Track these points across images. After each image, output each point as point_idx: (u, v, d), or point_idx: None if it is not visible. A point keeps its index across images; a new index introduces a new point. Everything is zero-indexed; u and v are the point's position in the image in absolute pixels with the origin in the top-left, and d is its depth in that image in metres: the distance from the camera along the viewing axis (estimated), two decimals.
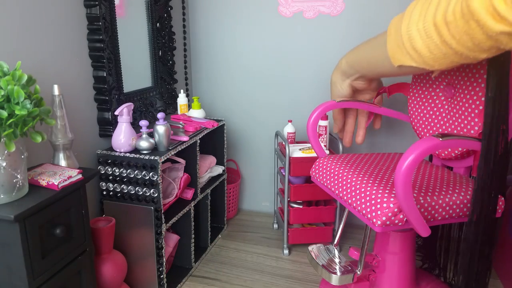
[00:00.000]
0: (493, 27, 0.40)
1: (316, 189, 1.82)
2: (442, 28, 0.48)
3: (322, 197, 1.84)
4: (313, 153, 1.79)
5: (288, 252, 1.88)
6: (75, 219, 1.09)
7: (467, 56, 0.48)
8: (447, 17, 0.47)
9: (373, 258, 1.35)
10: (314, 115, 1.44)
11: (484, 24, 0.41)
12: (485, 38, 0.43)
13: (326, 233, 1.89)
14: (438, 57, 0.52)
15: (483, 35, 0.43)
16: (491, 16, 0.40)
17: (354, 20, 1.94)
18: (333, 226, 1.89)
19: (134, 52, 1.72)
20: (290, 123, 1.93)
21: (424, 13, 0.52)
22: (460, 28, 0.45)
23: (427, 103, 1.40)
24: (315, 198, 1.85)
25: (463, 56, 0.48)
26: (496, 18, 0.39)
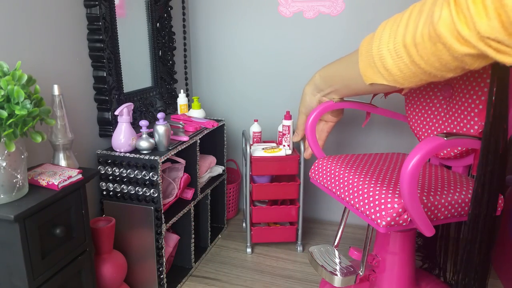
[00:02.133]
0: (458, 49, 0.44)
1: (279, 188, 1.83)
2: (411, 49, 0.50)
3: (286, 197, 1.86)
4: (275, 152, 1.80)
5: (251, 251, 1.89)
6: (75, 219, 1.09)
7: (435, 75, 0.51)
8: (416, 39, 0.49)
9: (373, 258, 1.35)
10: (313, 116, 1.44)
11: (450, 46, 0.44)
12: (451, 59, 0.46)
13: (290, 232, 1.90)
14: (408, 76, 0.54)
15: (449, 57, 0.46)
16: (456, 40, 0.43)
17: (354, 20, 1.94)
18: (296, 225, 1.89)
19: (134, 52, 1.72)
20: (256, 122, 1.94)
21: (394, 34, 0.54)
22: (428, 49, 0.48)
23: (424, 103, 1.40)
24: (279, 198, 1.87)
25: (431, 75, 0.51)
26: (461, 41, 0.43)
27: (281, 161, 1.81)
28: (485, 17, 0.38)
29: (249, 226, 1.90)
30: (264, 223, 1.97)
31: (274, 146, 1.86)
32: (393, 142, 2.04)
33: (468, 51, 0.43)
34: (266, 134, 2.16)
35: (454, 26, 0.43)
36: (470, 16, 0.40)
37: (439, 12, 0.45)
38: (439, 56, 0.47)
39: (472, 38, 0.41)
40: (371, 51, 0.58)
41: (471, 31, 0.41)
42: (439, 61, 0.48)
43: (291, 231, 1.89)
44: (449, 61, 0.46)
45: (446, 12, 0.44)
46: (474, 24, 0.40)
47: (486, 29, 0.39)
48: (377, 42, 0.57)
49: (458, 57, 0.45)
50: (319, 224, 2.18)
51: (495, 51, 0.40)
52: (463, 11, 0.41)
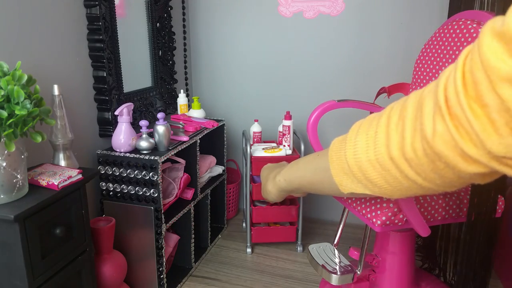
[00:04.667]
0: (465, 169, 0.35)
1: None
2: (402, 163, 0.41)
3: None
4: (276, 152, 1.80)
5: (251, 251, 1.89)
6: (75, 219, 1.09)
7: (435, 190, 0.42)
8: (407, 154, 0.40)
9: (373, 258, 1.35)
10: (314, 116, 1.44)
11: (454, 166, 0.36)
12: (456, 178, 0.38)
13: (290, 232, 1.90)
14: (399, 189, 0.44)
15: (454, 175, 0.37)
16: (461, 158, 0.34)
17: (354, 20, 1.94)
18: (296, 225, 1.89)
19: (134, 52, 1.72)
20: (256, 122, 1.94)
21: (372, 143, 0.44)
22: (425, 166, 0.39)
23: None
24: None
25: (430, 190, 0.42)
26: (468, 161, 0.34)
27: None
28: (494, 135, 0.31)
29: (249, 226, 1.90)
30: (264, 223, 1.97)
31: (274, 146, 1.86)
32: None
33: (478, 171, 0.34)
34: (266, 134, 2.15)
35: (455, 144, 0.34)
36: (475, 133, 0.32)
37: (432, 126, 0.36)
38: (441, 175, 0.38)
39: (482, 158, 0.33)
40: (345, 159, 0.48)
41: (479, 150, 0.32)
42: (441, 179, 0.39)
43: (291, 231, 1.89)
44: (453, 179, 0.38)
45: (441, 126, 0.35)
46: (482, 142, 0.32)
47: (499, 149, 0.31)
48: (352, 149, 0.47)
49: (466, 176, 0.37)
50: (319, 224, 2.18)
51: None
52: (464, 126, 0.33)
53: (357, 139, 0.48)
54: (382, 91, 1.56)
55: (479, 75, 0.31)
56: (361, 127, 0.49)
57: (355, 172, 0.47)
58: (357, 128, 0.49)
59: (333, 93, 2.04)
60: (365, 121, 0.49)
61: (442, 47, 1.32)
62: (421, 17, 1.87)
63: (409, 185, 0.43)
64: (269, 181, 0.72)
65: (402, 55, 1.92)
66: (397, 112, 0.43)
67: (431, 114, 0.37)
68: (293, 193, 0.70)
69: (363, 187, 0.48)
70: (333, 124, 2.08)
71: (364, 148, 0.46)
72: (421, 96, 0.39)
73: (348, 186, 0.50)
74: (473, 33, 1.19)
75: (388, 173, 0.44)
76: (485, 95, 0.30)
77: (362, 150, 0.46)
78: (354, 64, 2.00)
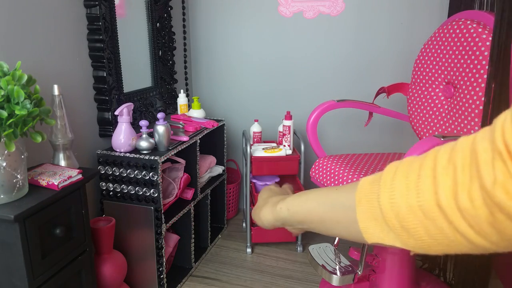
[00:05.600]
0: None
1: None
2: (453, 213, 0.36)
3: None
4: (276, 152, 1.80)
5: (251, 251, 1.89)
6: (75, 219, 1.09)
7: (485, 249, 0.37)
8: (461, 202, 0.35)
9: (373, 258, 1.35)
10: (314, 116, 1.44)
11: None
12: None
13: (290, 232, 1.89)
14: (440, 243, 0.39)
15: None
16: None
17: (354, 20, 1.94)
18: None
19: (134, 52, 1.72)
20: (256, 122, 1.94)
21: (414, 187, 0.39)
22: (483, 219, 0.34)
23: (426, 103, 1.40)
24: None
25: (479, 248, 0.37)
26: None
27: (281, 161, 1.81)
28: None
29: (249, 226, 1.90)
30: None
31: (275, 146, 1.86)
32: (394, 142, 2.04)
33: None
34: (266, 134, 2.15)
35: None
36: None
37: (492, 173, 0.32)
38: (499, 229, 0.34)
39: None
40: (378, 202, 0.42)
41: None
42: (499, 235, 0.34)
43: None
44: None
45: (502, 173, 0.32)
46: None
47: None
48: (388, 193, 0.41)
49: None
50: None
51: None
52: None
53: (395, 182, 0.42)
54: (381, 91, 1.56)
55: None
56: (398, 168, 0.43)
57: (389, 219, 0.41)
58: (394, 169, 0.43)
59: (333, 93, 2.04)
60: (403, 163, 0.43)
61: (442, 47, 1.32)
62: (421, 17, 1.87)
63: (456, 239, 0.38)
64: (267, 206, 0.63)
65: (402, 55, 1.92)
66: (445, 156, 0.38)
67: (490, 160, 0.33)
68: (291, 227, 0.60)
69: (394, 238, 0.42)
70: (333, 124, 2.08)
71: (404, 192, 0.40)
72: (474, 141, 0.36)
73: (376, 234, 0.44)
74: (473, 33, 1.19)
75: (433, 223, 0.38)
76: None
77: (401, 194, 0.40)
78: (354, 64, 2.00)
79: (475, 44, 1.18)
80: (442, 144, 0.40)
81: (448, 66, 1.30)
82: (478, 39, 1.17)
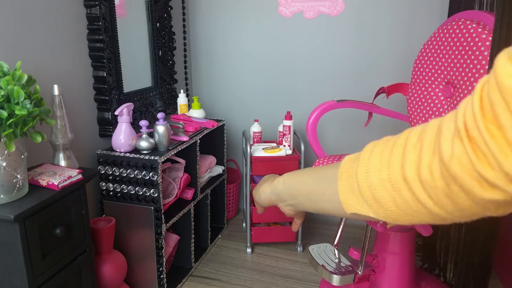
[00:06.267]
0: (481, 194, 0.34)
1: None
2: (415, 184, 0.40)
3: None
4: (276, 152, 1.80)
5: (251, 251, 1.89)
6: (75, 219, 1.09)
7: (443, 218, 0.41)
8: (422, 175, 0.39)
9: (373, 258, 1.35)
10: (313, 116, 1.44)
11: (469, 191, 0.35)
12: (470, 205, 0.37)
13: (290, 232, 1.90)
14: (405, 213, 0.43)
15: (468, 201, 0.36)
16: (477, 183, 0.34)
17: (354, 20, 1.94)
18: None
19: (134, 52, 1.72)
20: (256, 122, 1.94)
21: (386, 162, 0.43)
22: (440, 190, 0.38)
23: (426, 103, 1.40)
24: None
25: (438, 217, 0.41)
26: (484, 186, 0.34)
27: (281, 161, 1.81)
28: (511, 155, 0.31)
29: (249, 226, 1.90)
30: (264, 223, 1.97)
31: (275, 146, 1.86)
32: None
33: (494, 197, 0.34)
34: (266, 134, 2.15)
35: (472, 166, 0.34)
36: (492, 154, 0.32)
37: (450, 148, 0.36)
38: (454, 200, 0.37)
39: (499, 181, 0.32)
40: (356, 176, 0.47)
41: (496, 172, 0.32)
42: (453, 205, 0.38)
43: (291, 231, 1.89)
44: (466, 207, 0.37)
45: (459, 148, 0.35)
46: (499, 164, 0.31)
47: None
48: (364, 167, 0.46)
49: (480, 203, 0.36)
50: (319, 224, 2.18)
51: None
52: (481, 148, 0.33)
53: (371, 158, 0.47)
54: (381, 91, 1.56)
55: (495, 97, 0.32)
56: (376, 146, 0.48)
57: (364, 191, 0.46)
58: (372, 147, 0.48)
59: (334, 93, 2.04)
60: (380, 142, 0.48)
61: (442, 47, 1.32)
62: (421, 17, 1.87)
63: (418, 209, 0.42)
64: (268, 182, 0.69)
65: (402, 55, 1.92)
66: (416, 134, 0.43)
67: (450, 137, 0.37)
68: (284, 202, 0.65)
69: (368, 208, 0.47)
70: (333, 124, 2.08)
71: (378, 167, 0.45)
72: (441, 121, 0.40)
73: (353, 205, 0.49)
74: (472, 33, 1.19)
75: (398, 194, 0.43)
76: (501, 115, 0.31)
77: (375, 169, 0.45)
78: (354, 64, 2.00)
79: (475, 44, 1.18)
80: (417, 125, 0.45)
81: (448, 66, 1.30)
82: (478, 39, 1.17)
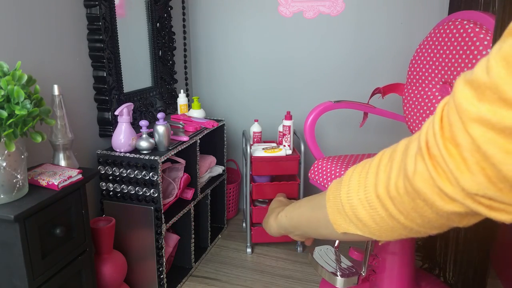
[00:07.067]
0: (443, 207, 0.37)
1: (279, 188, 1.83)
2: (387, 201, 0.43)
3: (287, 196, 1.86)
4: (275, 152, 1.80)
5: (251, 251, 1.89)
6: (75, 219, 1.09)
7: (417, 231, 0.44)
8: (391, 192, 0.42)
9: (373, 258, 1.35)
10: (312, 116, 1.45)
11: (432, 204, 0.38)
12: (435, 217, 0.39)
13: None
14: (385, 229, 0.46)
15: (432, 214, 0.39)
16: (439, 197, 0.37)
17: (354, 20, 1.94)
18: None
19: (134, 52, 1.72)
20: (256, 122, 1.94)
21: (363, 182, 0.47)
22: (407, 204, 0.41)
23: (423, 103, 1.40)
24: None
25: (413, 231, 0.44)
26: (445, 199, 0.36)
27: (281, 161, 1.81)
28: (467, 172, 0.33)
29: (249, 226, 1.90)
30: None
31: (274, 146, 1.86)
32: (392, 142, 2.02)
33: (454, 209, 0.36)
34: (266, 134, 2.16)
35: (433, 182, 0.36)
36: (450, 171, 0.34)
37: (413, 165, 0.39)
38: (420, 213, 0.40)
39: (457, 195, 0.35)
40: (339, 198, 0.50)
41: (454, 187, 0.35)
42: (421, 218, 0.41)
43: None
44: (432, 219, 0.40)
45: (421, 165, 0.38)
46: (457, 180, 0.34)
47: (472, 186, 0.33)
48: (346, 189, 0.50)
49: (444, 215, 0.39)
50: None
51: (487, 208, 0.34)
52: (441, 165, 0.35)
53: (351, 180, 0.50)
54: (376, 91, 1.56)
55: (453, 118, 0.34)
56: (355, 169, 0.51)
57: (347, 211, 0.49)
58: (352, 170, 0.51)
59: (334, 93, 2.04)
60: (360, 164, 0.51)
61: (439, 47, 1.32)
62: (421, 17, 1.87)
63: (394, 224, 0.45)
64: (273, 214, 0.72)
65: (402, 55, 1.92)
66: (387, 155, 0.46)
67: (413, 155, 0.40)
68: (292, 233, 0.69)
69: (354, 227, 0.50)
70: (333, 124, 2.08)
71: (356, 187, 0.48)
72: (409, 140, 0.43)
73: (342, 225, 0.52)
74: (470, 33, 1.19)
75: (375, 212, 0.46)
76: (458, 135, 0.34)
77: (354, 189, 0.49)
78: (354, 64, 2.00)
79: (473, 43, 1.18)
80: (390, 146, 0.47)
81: (446, 66, 1.30)
82: (476, 38, 1.17)
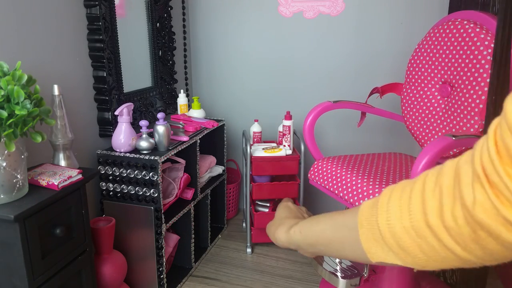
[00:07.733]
0: (510, 238, 0.34)
1: (279, 188, 1.83)
2: (440, 232, 0.39)
3: (286, 196, 1.86)
4: (276, 152, 1.80)
5: (251, 251, 1.89)
6: (75, 219, 1.09)
7: (473, 263, 0.40)
8: (446, 222, 0.39)
9: None
10: (311, 117, 1.44)
11: (498, 236, 0.34)
12: (500, 249, 0.36)
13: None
14: (434, 260, 0.42)
15: (497, 246, 0.36)
16: (504, 228, 0.33)
17: (354, 20, 1.94)
18: None
19: (134, 52, 1.72)
20: (256, 122, 1.94)
21: (406, 209, 0.43)
22: (466, 236, 0.37)
23: (422, 103, 1.40)
24: (279, 197, 1.87)
25: (468, 262, 0.40)
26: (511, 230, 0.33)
27: (281, 161, 1.81)
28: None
29: (249, 226, 1.90)
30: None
31: (274, 146, 1.86)
32: (391, 142, 2.04)
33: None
34: (266, 134, 2.16)
35: (497, 211, 0.33)
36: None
37: (471, 194, 0.35)
38: (483, 245, 0.37)
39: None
40: (377, 224, 0.46)
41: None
42: (483, 250, 0.37)
43: None
44: (496, 251, 0.36)
45: (481, 194, 0.35)
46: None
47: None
48: (384, 215, 0.45)
49: (509, 247, 0.35)
50: None
51: None
52: (503, 193, 0.33)
53: (390, 205, 0.46)
54: (374, 91, 1.56)
55: (509, 141, 0.32)
56: (393, 192, 0.47)
57: (388, 240, 0.45)
58: (389, 193, 0.47)
59: (333, 92, 2.04)
60: (397, 186, 0.47)
61: (438, 47, 1.32)
62: (421, 17, 1.87)
63: (446, 255, 0.41)
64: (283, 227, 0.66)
65: (402, 55, 1.92)
66: (432, 178, 0.42)
67: (470, 183, 0.36)
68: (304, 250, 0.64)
69: (394, 256, 0.46)
70: (333, 124, 2.08)
71: (398, 214, 0.44)
72: (458, 165, 0.39)
73: (378, 254, 0.47)
74: (470, 32, 1.19)
75: (424, 241, 0.42)
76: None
77: (395, 216, 0.45)
78: (354, 64, 2.00)
79: (473, 43, 1.18)
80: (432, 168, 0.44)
81: (445, 66, 1.30)
82: (477, 38, 1.17)
